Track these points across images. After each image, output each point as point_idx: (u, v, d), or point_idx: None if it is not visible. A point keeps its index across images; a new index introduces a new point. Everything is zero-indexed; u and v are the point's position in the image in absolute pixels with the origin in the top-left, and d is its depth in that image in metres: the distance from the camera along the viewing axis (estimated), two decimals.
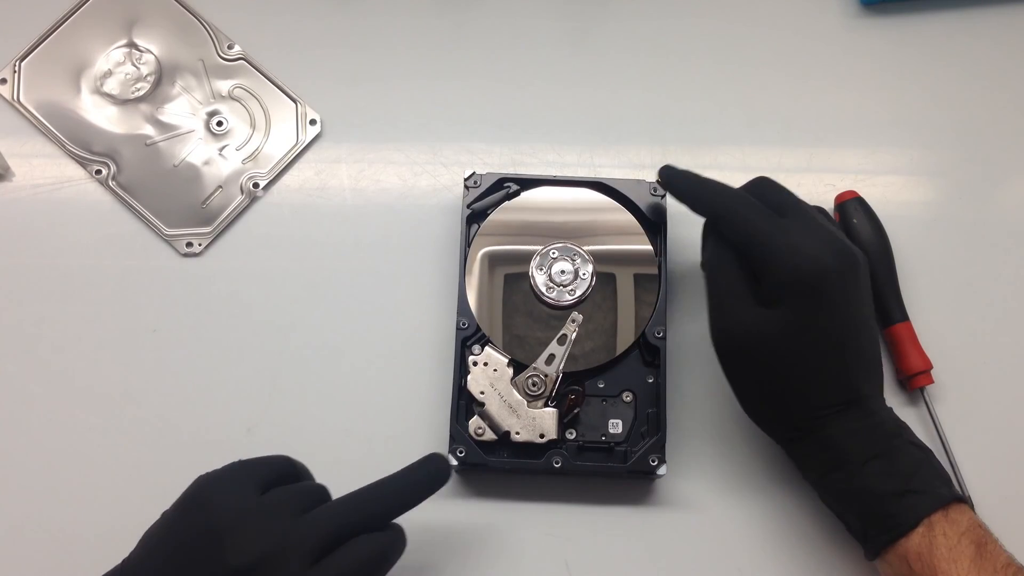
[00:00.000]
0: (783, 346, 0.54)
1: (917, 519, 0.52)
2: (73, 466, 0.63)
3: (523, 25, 0.73)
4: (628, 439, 0.61)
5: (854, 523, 0.55)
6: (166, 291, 0.67)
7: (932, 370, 0.63)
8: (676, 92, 0.71)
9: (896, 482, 0.53)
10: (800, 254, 0.53)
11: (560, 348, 0.61)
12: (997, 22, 0.72)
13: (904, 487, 0.53)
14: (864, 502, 0.54)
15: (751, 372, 0.56)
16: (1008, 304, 0.66)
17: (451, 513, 0.62)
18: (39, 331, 0.66)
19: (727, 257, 0.57)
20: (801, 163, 0.70)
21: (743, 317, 0.55)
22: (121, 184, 0.69)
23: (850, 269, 0.54)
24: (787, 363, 0.54)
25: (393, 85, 0.71)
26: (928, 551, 0.51)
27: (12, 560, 0.62)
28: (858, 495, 0.54)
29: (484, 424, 0.60)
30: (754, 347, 0.55)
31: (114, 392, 0.65)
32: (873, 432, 0.54)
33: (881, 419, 0.55)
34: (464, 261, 0.64)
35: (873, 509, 0.53)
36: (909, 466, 0.54)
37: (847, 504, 0.55)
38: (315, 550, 0.47)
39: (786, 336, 0.54)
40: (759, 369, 0.55)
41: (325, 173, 0.70)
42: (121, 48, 0.71)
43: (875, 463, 0.53)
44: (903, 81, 0.71)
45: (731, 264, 0.56)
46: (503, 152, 0.70)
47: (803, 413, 0.55)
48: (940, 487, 0.54)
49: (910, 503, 0.53)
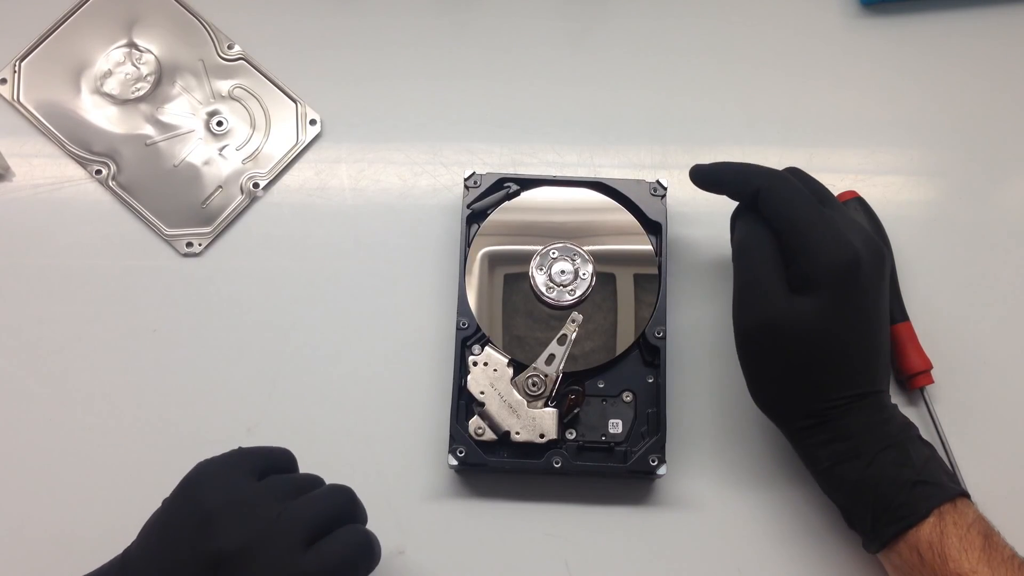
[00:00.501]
0: (813, 333, 0.54)
1: (929, 509, 0.53)
2: (73, 466, 0.63)
3: (523, 25, 0.73)
4: (628, 439, 0.61)
5: (861, 513, 0.55)
6: (166, 291, 0.67)
7: (932, 370, 0.63)
8: (676, 92, 0.71)
9: (910, 472, 0.54)
10: (841, 243, 0.54)
11: (560, 348, 0.61)
12: (997, 22, 0.72)
13: (917, 477, 0.53)
14: (877, 491, 0.54)
15: (774, 358, 0.56)
16: (1008, 304, 0.66)
17: (451, 513, 0.62)
18: (39, 331, 0.66)
19: (762, 239, 0.56)
20: (801, 163, 0.69)
21: (776, 301, 0.55)
22: (121, 184, 0.69)
23: (881, 263, 0.56)
24: (814, 351, 0.54)
25: (393, 85, 0.71)
26: (939, 540, 0.52)
27: (12, 560, 0.62)
28: (871, 484, 0.54)
29: (484, 424, 0.60)
30: (784, 332, 0.55)
31: (114, 392, 0.65)
32: (887, 424, 0.55)
33: (892, 413, 0.56)
34: (464, 261, 0.64)
35: (887, 498, 0.54)
36: (920, 459, 0.54)
37: (857, 494, 0.55)
38: (307, 535, 0.47)
39: (817, 323, 0.54)
40: (785, 355, 0.55)
41: (325, 173, 0.70)
42: (121, 48, 0.71)
43: (889, 452, 0.54)
44: (903, 81, 0.71)
45: (766, 246, 0.56)
46: (503, 152, 0.70)
47: (821, 402, 0.55)
48: (948, 481, 0.54)
49: (924, 492, 0.53)
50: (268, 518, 0.47)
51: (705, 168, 0.60)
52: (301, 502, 0.49)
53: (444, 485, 0.63)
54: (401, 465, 0.63)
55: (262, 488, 0.49)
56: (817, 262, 0.54)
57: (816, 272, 0.54)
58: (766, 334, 0.55)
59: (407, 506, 0.62)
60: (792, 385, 0.56)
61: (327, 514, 0.49)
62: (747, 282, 0.56)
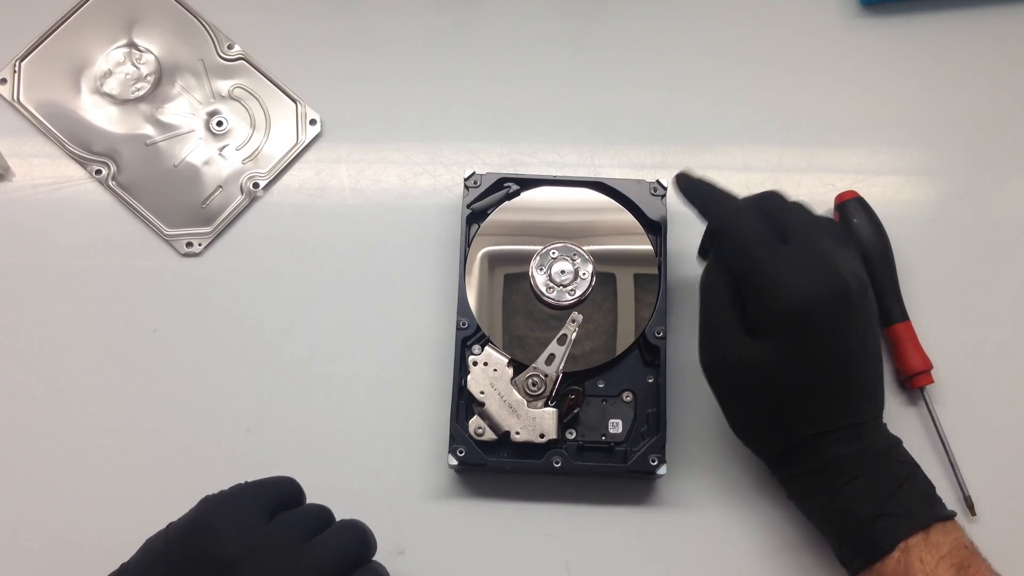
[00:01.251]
0: (770, 377, 0.53)
1: (893, 543, 0.52)
2: (73, 466, 0.63)
3: (523, 25, 0.73)
4: (628, 439, 0.61)
5: (834, 544, 0.56)
6: (166, 291, 0.67)
7: (932, 370, 0.63)
8: (676, 92, 0.71)
9: (874, 505, 0.52)
10: (789, 288, 0.52)
11: (560, 348, 0.61)
12: (997, 22, 0.72)
13: (881, 510, 0.52)
14: (842, 525, 0.54)
15: (738, 397, 0.56)
16: (1008, 304, 0.66)
17: (451, 513, 0.62)
18: (39, 331, 0.66)
19: (721, 279, 0.56)
20: (801, 163, 0.70)
21: (730, 346, 0.54)
22: (121, 184, 0.69)
23: (843, 302, 0.52)
24: (774, 392, 0.54)
25: (393, 85, 0.71)
26: (904, 575, 0.51)
27: (12, 560, 0.62)
28: (837, 517, 0.54)
29: (484, 424, 0.60)
30: (740, 376, 0.54)
31: (114, 392, 0.65)
32: (861, 455, 0.54)
33: (872, 440, 0.54)
34: (464, 261, 0.64)
35: (851, 532, 0.53)
36: (889, 487, 0.53)
37: (827, 525, 0.55)
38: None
39: (773, 367, 0.53)
40: (747, 395, 0.55)
41: (325, 173, 0.70)
42: (121, 48, 0.71)
43: (855, 484, 0.53)
44: (903, 81, 0.71)
45: (724, 287, 0.55)
46: (503, 152, 0.70)
47: (790, 439, 0.55)
48: (921, 508, 0.53)
49: (885, 526, 0.52)
50: (286, 565, 0.47)
51: (684, 183, 0.60)
52: (317, 546, 0.48)
53: (444, 485, 0.63)
54: (401, 465, 0.63)
55: (275, 531, 0.49)
56: (765, 308, 0.53)
57: (765, 318, 0.53)
58: (725, 376, 0.56)
59: (407, 506, 0.62)
60: (760, 422, 0.56)
61: (344, 554, 0.49)
62: (706, 323, 0.57)
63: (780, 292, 0.52)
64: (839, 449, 0.54)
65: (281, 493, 0.52)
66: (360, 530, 0.51)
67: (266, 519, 0.49)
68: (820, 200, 0.66)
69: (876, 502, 0.53)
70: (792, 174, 0.69)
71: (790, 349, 0.53)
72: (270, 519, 0.49)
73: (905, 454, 0.56)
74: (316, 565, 0.48)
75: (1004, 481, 0.63)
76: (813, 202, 0.58)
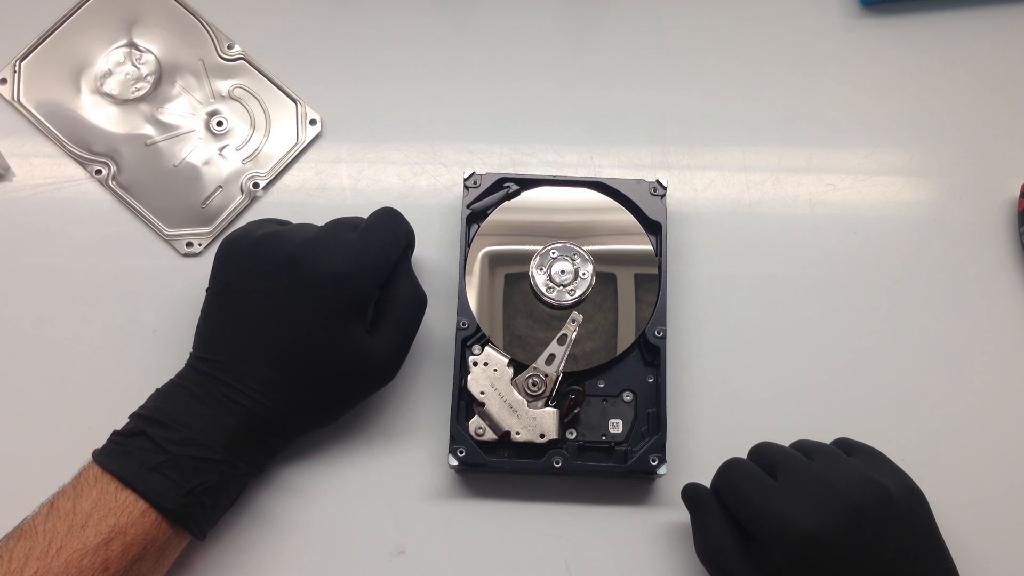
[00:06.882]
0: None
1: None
2: (73, 466, 0.63)
3: (523, 25, 0.73)
4: (628, 439, 0.61)
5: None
6: (166, 291, 0.67)
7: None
8: (676, 92, 0.71)
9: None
10: (785, 522, 0.50)
11: (560, 348, 0.61)
12: (997, 22, 0.72)
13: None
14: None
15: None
16: (1009, 303, 0.67)
17: (451, 513, 0.62)
18: (39, 331, 0.66)
19: (719, 529, 0.54)
20: (801, 163, 0.70)
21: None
22: (121, 184, 0.69)
23: (855, 527, 0.49)
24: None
25: (393, 85, 0.71)
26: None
27: None
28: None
29: (484, 424, 0.60)
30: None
31: (114, 392, 0.65)
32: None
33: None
34: (464, 261, 0.64)
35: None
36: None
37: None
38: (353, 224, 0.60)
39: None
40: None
41: (325, 173, 0.70)
42: (121, 48, 0.71)
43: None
44: (903, 81, 0.71)
45: (724, 535, 0.54)
46: (503, 152, 0.70)
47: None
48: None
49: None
50: (351, 245, 0.58)
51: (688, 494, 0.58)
52: (367, 235, 0.60)
53: (444, 485, 0.63)
54: (401, 465, 0.63)
55: (325, 227, 0.60)
56: (767, 545, 0.51)
57: (771, 559, 0.51)
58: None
59: (407, 506, 0.62)
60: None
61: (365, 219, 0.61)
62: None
63: (777, 526, 0.50)
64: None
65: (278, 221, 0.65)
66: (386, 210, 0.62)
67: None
68: (820, 200, 0.66)
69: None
70: (792, 174, 0.69)
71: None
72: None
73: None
74: (341, 221, 0.60)
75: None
76: (813, 202, 0.58)
